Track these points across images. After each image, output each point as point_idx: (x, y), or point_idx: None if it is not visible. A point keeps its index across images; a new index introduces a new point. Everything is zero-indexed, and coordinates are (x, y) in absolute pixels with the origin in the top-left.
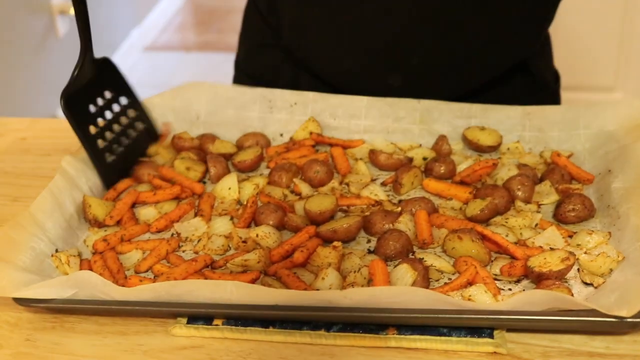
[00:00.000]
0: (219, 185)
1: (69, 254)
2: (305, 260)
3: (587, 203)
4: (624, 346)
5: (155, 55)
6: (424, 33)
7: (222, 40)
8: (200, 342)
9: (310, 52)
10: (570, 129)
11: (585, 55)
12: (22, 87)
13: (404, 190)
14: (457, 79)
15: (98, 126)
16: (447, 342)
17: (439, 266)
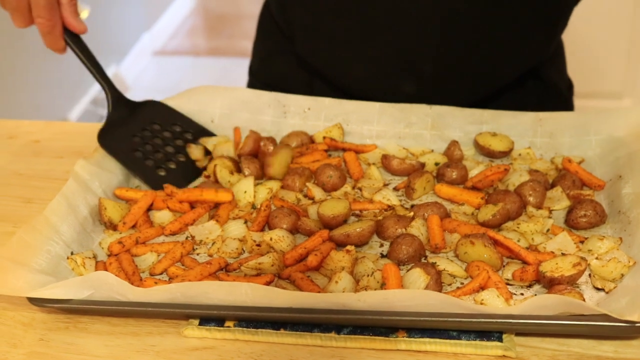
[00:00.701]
0: (235, 187)
1: (84, 256)
2: (318, 264)
3: (599, 209)
4: (633, 350)
5: (165, 60)
6: (438, 41)
7: (232, 45)
8: (211, 344)
9: (324, 59)
10: (581, 135)
11: (594, 62)
12: (34, 90)
13: (417, 195)
14: (470, 86)
15: (145, 151)
16: (457, 345)
17: (452, 271)
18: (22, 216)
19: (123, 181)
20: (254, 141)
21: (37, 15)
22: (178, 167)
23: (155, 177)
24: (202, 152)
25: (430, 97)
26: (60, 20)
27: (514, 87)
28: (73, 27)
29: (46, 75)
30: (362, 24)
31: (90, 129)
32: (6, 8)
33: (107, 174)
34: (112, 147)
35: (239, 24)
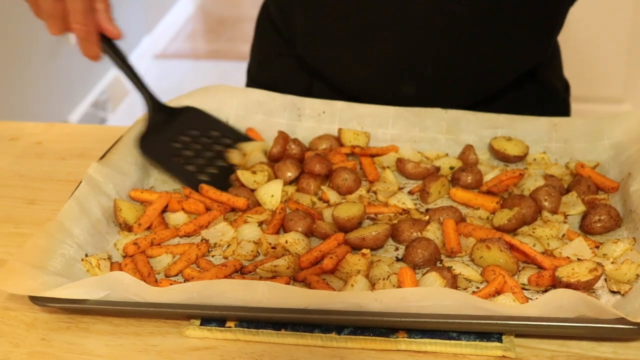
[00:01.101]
0: (262, 189)
1: (99, 258)
2: (334, 267)
3: (613, 213)
4: (632, 352)
5: (166, 63)
6: (438, 42)
7: (232, 48)
8: (213, 344)
9: (325, 61)
10: (595, 140)
11: (594, 66)
12: (36, 92)
13: (432, 199)
14: (469, 87)
15: (185, 156)
16: (457, 346)
17: (467, 275)
18: (24, 217)
19: (137, 183)
20: (283, 142)
21: (74, 22)
22: (219, 172)
23: (197, 181)
24: (241, 157)
25: (430, 98)
26: (95, 26)
27: (512, 88)
28: (109, 32)
29: (47, 77)
30: (362, 26)
31: (93, 130)
32: (41, 17)
33: (121, 176)
34: (152, 152)
35: (239, 27)
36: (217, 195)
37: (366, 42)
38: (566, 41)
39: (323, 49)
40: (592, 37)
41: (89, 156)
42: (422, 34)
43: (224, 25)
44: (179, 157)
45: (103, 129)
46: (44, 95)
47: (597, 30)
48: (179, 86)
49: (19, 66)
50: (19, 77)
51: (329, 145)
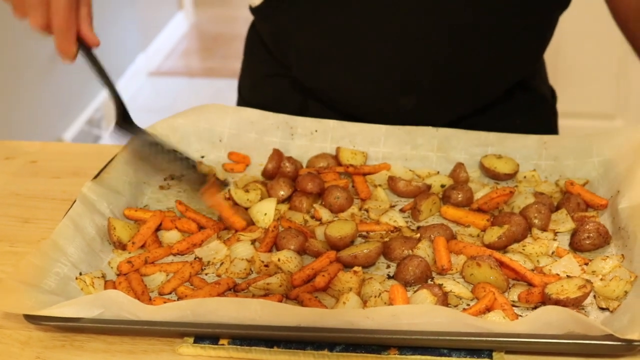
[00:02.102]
0: (255, 207)
1: (93, 276)
2: (326, 284)
3: (602, 230)
4: None
5: (160, 80)
6: (437, 54)
7: (227, 66)
8: None
9: (322, 81)
10: (584, 157)
11: (586, 83)
12: (30, 110)
13: (423, 217)
14: (467, 97)
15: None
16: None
17: (458, 292)
18: (19, 236)
19: (131, 201)
20: (278, 159)
21: (55, 13)
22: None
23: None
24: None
25: (428, 109)
26: (75, 24)
27: (504, 98)
28: (88, 38)
29: (41, 95)
30: (361, 44)
31: (87, 149)
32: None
33: (115, 195)
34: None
35: (234, 45)
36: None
37: (365, 60)
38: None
39: (321, 70)
40: (584, 53)
41: (84, 175)
42: (422, 48)
43: (218, 42)
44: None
45: (97, 147)
46: (39, 113)
47: (588, 47)
48: (173, 103)
49: (13, 84)
50: (13, 94)
51: (326, 164)
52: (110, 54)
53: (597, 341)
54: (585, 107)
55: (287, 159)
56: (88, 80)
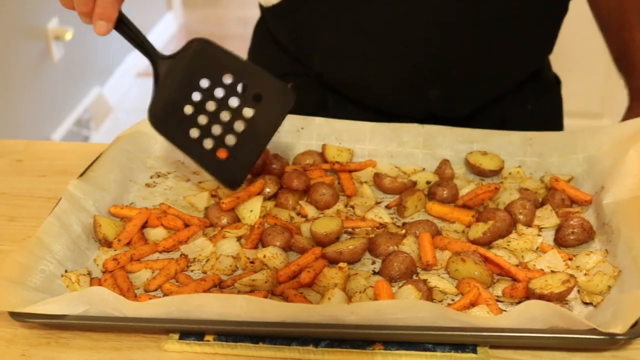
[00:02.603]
0: (241, 205)
1: (78, 273)
2: (311, 280)
3: (586, 226)
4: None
5: (149, 81)
6: (462, 45)
7: None
8: (191, 358)
9: (347, 77)
10: (569, 154)
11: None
12: (18, 110)
13: (408, 213)
14: (489, 86)
15: (200, 125)
16: (432, 357)
17: (443, 287)
18: (5, 234)
19: (117, 199)
20: (263, 158)
21: None
22: (238, 141)
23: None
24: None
25: (452, 100)
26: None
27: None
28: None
29: (29, 96)
30: (386, 37)
31: (73, 148)
32: None
33: (101, 192)
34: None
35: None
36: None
37: (391, 52)
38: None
39: (345, 65)
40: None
41: (70, 173)
42: (447, 38)
43: None
44: (194, 129)
45: (84, 146)
46: (27, 114)
47: (576, 46)
48: None
49: (1, 85)
50: (1, 95)
51: (312, 161)
52: (99, 55)
53: (580, 335)
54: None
55: (273, 156)
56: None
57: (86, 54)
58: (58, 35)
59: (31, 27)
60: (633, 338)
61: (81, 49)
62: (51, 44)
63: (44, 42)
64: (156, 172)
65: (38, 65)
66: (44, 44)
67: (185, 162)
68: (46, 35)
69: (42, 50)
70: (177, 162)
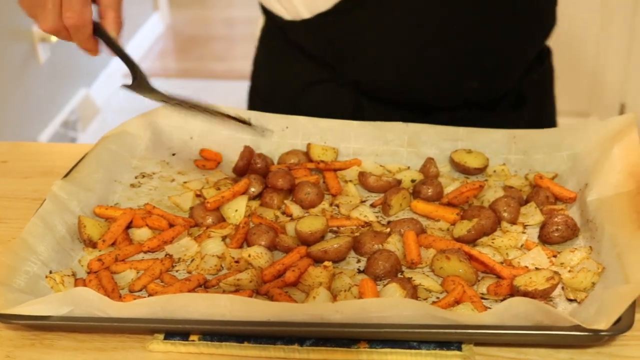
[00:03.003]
0: (226, 204)
1: (63, 274)
2: (296, 279)
3: (570, 223)
4: (588, 358)
5: None
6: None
7: (202, 67)
8: (176, 358)
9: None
10: (553, 151)
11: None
12: (4, 112)
13: (393, 212)
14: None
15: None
16: (417, 355)
17: (427, 285)
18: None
19: (102, 199)
20: (249, 156)
21: (66, 10)
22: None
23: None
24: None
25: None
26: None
27: None
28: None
29: (16, 97)
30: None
31: (58, 149)
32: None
33: (85, 193)
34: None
35: (209, 46)
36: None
37: (431, 50)
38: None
39: (385, 68)
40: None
41: (55, 174)
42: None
43: (194, 44)
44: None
45: (68, 147)
46: (13, 116)
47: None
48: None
49: None
50: None
51: (297, 160)
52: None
53: (564, 332)
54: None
55: (257, 155)
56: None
57: (72, 55)
58: (44, 36)
59: (17, 28)
60: (617, 334)
61: (67, 50)
62: (37, 46)
63: (29, 43)
64: (141, 172)
65: (24, 67)
66: (29, 46)
67: (170, 162)
68: (32, 37)
69: (28, 51)
70: (162, 162)
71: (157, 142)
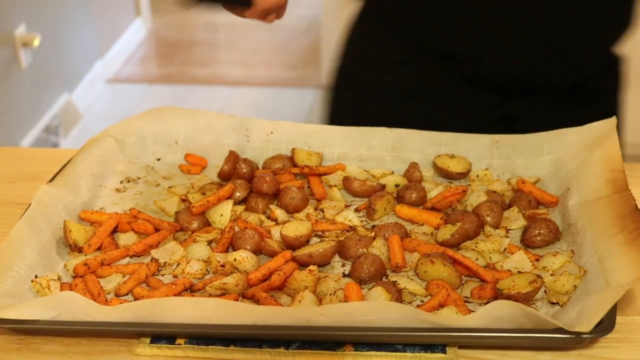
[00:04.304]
0: (212, 209)
1: (49, 279)
2: (282, 283)
3: (552, 227)
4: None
5: (118, 87)
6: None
7: (185, 72)
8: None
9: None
10: (536, 156)
11: None
12: None
13: (377, 216)
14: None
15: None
16: (402, 358)
17: (412, 289)
18: None
19: (87, 204)
20: (234, 160)
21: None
22: None
23: None
24: None
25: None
26: None
27: None
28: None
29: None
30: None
31: (42, 154)
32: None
33: (71, 197)
34: None
35: (191, 52)
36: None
37: (527, 25)
38: None
39: (481, 42)
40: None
41: (40, 179)
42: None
43: (176, 49)
44: None
45: (53, 152)
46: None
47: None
48: (131, 110)
49: None
50: None
51: (282, 165)
52: (68, 61)
53: (547, 334)
54: None
55: (242, 160)
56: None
57: (55, 60)
58: (26, 41)
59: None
60: (598, 336)
61: (49, 55)
62: (19, 51)
63: (11, 48)
64: (126, 177)
65: (6, 72)
66: (11, 51)
67: (155, 167)
68: (14, 42)
69: (10, 56)
70: (147, 167)
71: (142, 147)
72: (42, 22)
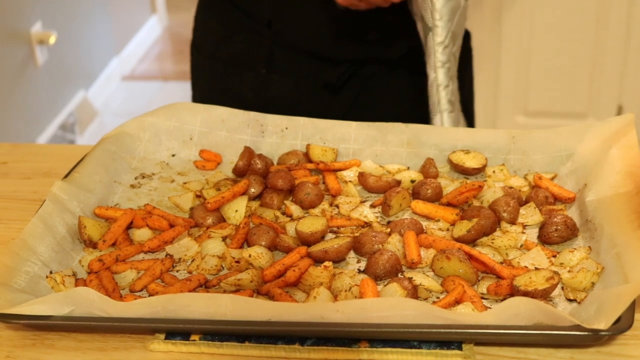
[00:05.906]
0: (226, 205)
1: (64, 274)
2: (297, 279)
3: (569, 223)
4: (588, 357)
5: (134, 84)
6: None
7: None
8: (177, 357)
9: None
10: (553, 152)
11: (559, 82)
12: (2, 116)
13: (393, 212)
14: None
15: None
16: (418, 355)
17: (428, 285)
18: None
19: (102, 200)
20: (249, 156)
21: None
22: None
23: None
24: None
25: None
26: None
27: None
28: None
29: (14, 101)
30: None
31: (57, 150)
32: None
33: (85, 193)
34: None
35: None
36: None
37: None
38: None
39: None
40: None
41: (54, 175)
42: None
43: None
44: None
45: (68, 148)
46: (11, 119)
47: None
48: (147, 107)
49: None
50: None
51: (297, 161)
52: (84, 58)
53: (564, 331)
54: (557, 106)
55: (257, 156)
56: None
57: (70, 57)
58: (42, 39)
59: (14, 31)
60: (616, 334)
61: (65, 53)
62: (35, 48)
63: (27, 46)
64: (141, 173)
65: (22, 69)
66: (27, 49)
67: (170, 163)
68: (30, 40)
69: (26, 54)
70: (162, 163)
71: (156, 143)
72: (58, 19)
